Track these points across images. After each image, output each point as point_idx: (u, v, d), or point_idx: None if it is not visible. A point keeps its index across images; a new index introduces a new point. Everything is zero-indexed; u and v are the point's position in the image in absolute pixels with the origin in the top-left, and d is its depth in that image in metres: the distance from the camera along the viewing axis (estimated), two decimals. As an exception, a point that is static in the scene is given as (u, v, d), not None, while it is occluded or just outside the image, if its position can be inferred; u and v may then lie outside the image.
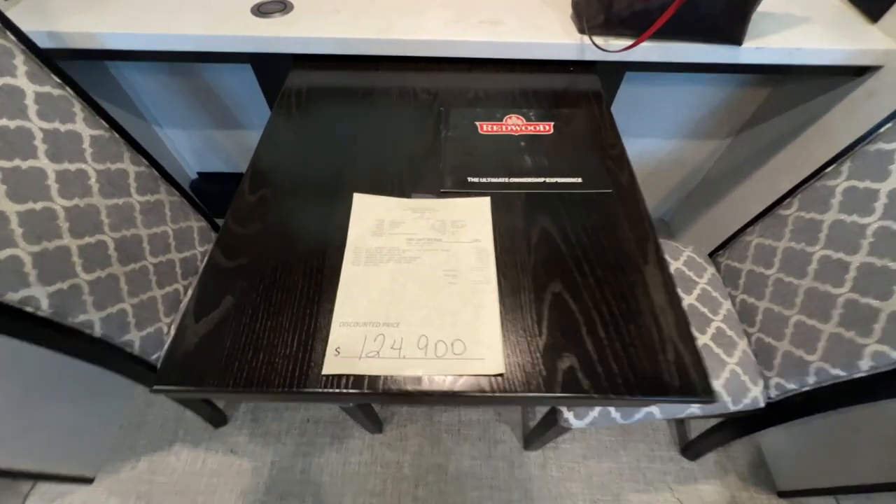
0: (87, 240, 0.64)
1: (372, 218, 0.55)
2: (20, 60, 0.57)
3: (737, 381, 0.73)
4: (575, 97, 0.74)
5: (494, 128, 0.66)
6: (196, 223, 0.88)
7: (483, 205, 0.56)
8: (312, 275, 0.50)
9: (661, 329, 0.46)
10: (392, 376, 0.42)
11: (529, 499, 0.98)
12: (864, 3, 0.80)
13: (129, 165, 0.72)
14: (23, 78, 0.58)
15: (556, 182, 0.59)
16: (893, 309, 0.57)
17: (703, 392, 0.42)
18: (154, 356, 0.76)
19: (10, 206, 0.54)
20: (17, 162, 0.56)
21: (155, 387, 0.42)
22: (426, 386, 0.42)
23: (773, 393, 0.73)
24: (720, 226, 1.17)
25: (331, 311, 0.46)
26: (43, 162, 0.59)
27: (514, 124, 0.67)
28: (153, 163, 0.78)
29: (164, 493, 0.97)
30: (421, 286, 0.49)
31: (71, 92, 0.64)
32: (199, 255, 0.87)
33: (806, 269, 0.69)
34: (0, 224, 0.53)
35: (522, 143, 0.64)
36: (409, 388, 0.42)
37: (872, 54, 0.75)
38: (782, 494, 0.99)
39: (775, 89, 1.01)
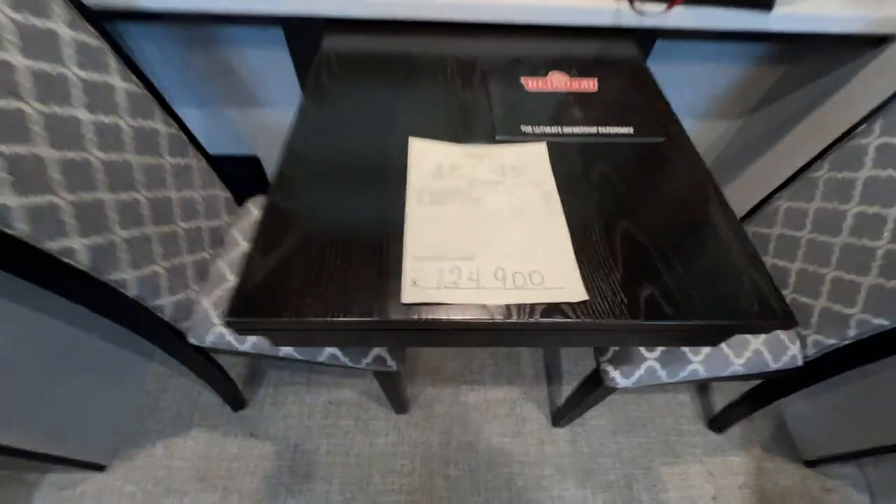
0: (122, 196, 0.62)
1: (430, 163, 0.54)
2: (61, 8, 0.56)
3: (776, 340, 0.74)
4: (613, 61, 0.75)
5: (540, 84, 0.66)
6: (222, 193, 0.86)
7: (540, 150, 0.56)
8: (377, 214, 0.48)
9: (733, 259, 0.46)
10: (477, 303, 0.41)
11: (562, 474, 0.96)
12: (878, -22, 0.83)
13: (160, 125, 0.70)
14: (62, 25, 0.56)
15: (609, 132, 0.60)
16: (937, 254, 0.58)
17: (784, 314, 0.42)
18: (183, 324, 0.73)
19: (49, 152, 0.52)
20: (53, 108, 0.53)
21: (228, 319, 0.40)
22: (514, 316, 0.41)
23: (811, 351, 0.74)
24: (737, 201, 1.19)
25: (401, 247, 0.45)
26: (79, 111, 0.57)
27: (559, 81, 0.67)
28: (182, 126, 0.76)
29: (183, 479, 0.93)
30: (490, 223, 0.48)
31: (106, 45, 0.62)
32: (224, 226, 0.85)
33: (840, 226, 0.71)
34: (39, 170, 0.51)
35: (570, 97, 0.65)
36: (496, 318, 0.41)
37: (891, 22, 0.78)
38: (809, 464, 1.00)
39: (789, 68, 1.04)
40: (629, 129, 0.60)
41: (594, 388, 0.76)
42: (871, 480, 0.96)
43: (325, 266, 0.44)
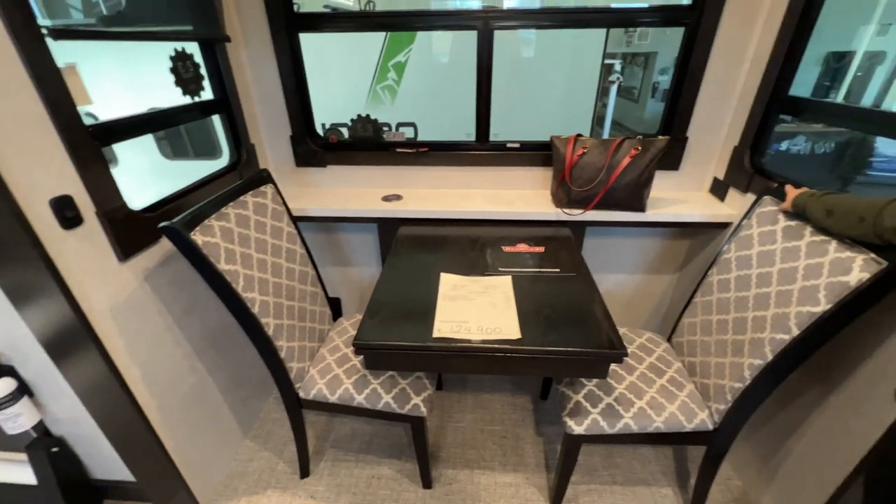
0: (302, 303, 1.19)
1: (450, 283, 1.08)
2: (288, 218, 1.25)
3: (687, 408, 1.07)
4: (556, 238, 1.34)
5: (512, 249, 1.25)
6: (327, 310, 1.42)
7: (507, 279, 1.10)
8: (424, 303, 1.01)
9: (601, 326, 0.92)
10: (466, 339, 0.88)
11: (558, 548, 1.14)
12: (715, 191, 1.46)
13: (309, 269, 1.33)
14: (287, 226, 1.24)
15: (547, 271, 1.13)
16: (751, 337, 0.99)
17: (620, 349, 0.85)
18: (297, 385, 1.19)
19: (269, 277, 1.12)
20: (276, 259, 1.16)
21: (356, 341, 0.89)
22: (485, 346, 0.87)
23: (717, 417, 1.06)
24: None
25: (434, 316, 0.95)
26: (284, 261, 1.20)
27: (523, 247, 1.25)
28: (316, 270, 1.38)
29: (258, 528, 1.21)
30: (478, 309, 0.98)
31: (297, 231, 1.30)
32: (326, 330, 1.38)
33: (711, 329, 1.13)
34: (264, 285, 1.09)
35: (527, 255, 1.21)
36: (476, 344, 0.87)
37: (724, 216, 1.36)
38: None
39: (692, 240, 1.61)
40: (558, 270, 1.14)
41: (565, 443, 1.08)
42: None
43: (399, 326, 0.94)
